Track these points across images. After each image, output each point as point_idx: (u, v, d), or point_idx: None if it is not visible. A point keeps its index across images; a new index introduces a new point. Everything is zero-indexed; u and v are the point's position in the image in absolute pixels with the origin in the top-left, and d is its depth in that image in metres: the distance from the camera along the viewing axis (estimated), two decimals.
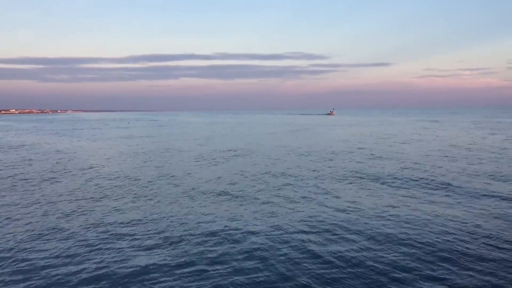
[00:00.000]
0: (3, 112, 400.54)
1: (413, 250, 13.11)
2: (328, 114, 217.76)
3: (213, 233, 14.98)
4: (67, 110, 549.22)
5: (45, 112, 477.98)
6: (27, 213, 18.15)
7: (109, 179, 26.40)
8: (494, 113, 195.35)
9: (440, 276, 11.29)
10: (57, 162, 35.22)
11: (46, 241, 14.50)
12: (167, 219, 16.90)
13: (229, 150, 43.51)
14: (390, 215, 17.13)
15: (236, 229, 15.48)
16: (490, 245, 13.49)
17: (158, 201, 20.28)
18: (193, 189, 22.87)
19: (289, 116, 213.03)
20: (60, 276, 11.69)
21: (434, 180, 24.52)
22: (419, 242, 13.79)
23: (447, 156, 35.57)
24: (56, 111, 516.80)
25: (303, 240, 14.19)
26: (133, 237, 14.90)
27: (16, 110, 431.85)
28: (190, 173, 28.56)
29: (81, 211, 18.44)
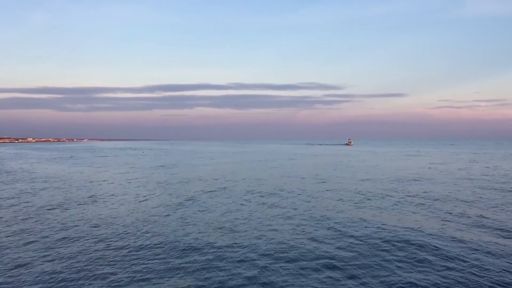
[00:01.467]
0: (20, 140, 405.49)
1: None
2: (346, 144, 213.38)
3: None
4: (83, 139, 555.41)
5: (62, 141, 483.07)
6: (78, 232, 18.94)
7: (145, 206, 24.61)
8: None
9: None
10: (89, 189, 35.33)
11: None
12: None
13: (285, 177, 39.40)
14: None
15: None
16: None
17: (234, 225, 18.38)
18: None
19: (309, 146, 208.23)
20: None
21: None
22: None
23: None
24: (73, 139, 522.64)
25: None
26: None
27: (33, 138, 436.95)
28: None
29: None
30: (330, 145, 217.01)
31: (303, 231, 19.34)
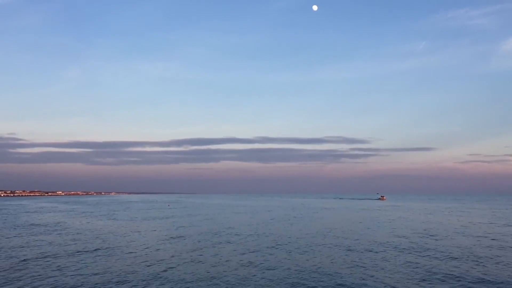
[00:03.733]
0: (50, 193, 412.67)
1: None
2: (379, 199, 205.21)
3: None
4: (111, 192, 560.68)
5: (90, 194, 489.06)
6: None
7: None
8: None
9: None
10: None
11: None
12: None
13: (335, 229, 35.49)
14: None
15: None
16: None
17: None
18: None
19: (339, 201, 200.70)
20: None
21: None
22: None
23: None
24: (101, 193, 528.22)
25: None
26: None
27: (62, 192, 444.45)
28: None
29: None
30: (361, 200, 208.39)
31: None
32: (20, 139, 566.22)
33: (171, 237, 41.27)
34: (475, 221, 62.94)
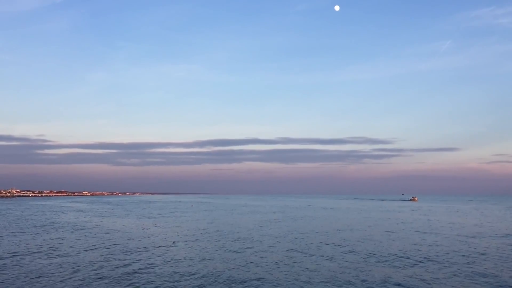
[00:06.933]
0: (76, 193, 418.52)
1: None
2: (411, 200, 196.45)
3: None
4: (135, 193, 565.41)
5: (115, 194, 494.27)
6: None
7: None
8: None
9: None
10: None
11: None
12: None
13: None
14: None
15: None
16: None
17: None
18: None
19: (367, 202, 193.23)
20: None
21: None
22: None
23: None
24: (125, 193, 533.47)
25: None
26: None
27: (88, 192, 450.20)
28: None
29: None
30: (393, 201, 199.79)
31: None
32: (48, 141, 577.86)
33: (200, 233, 37.14)
34: None
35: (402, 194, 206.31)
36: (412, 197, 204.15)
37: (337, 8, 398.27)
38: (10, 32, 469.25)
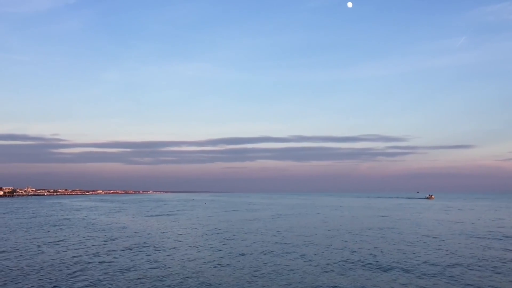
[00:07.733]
0: (91, 192, 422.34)
1: None
2: (427, 198, 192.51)
3: None
4: (149, 191, 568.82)
5: (129, 193, 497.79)
6: None
7: None
8: None
9: None
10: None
11: None
12: None
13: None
14: None
15: None
16: None
17: None
18: None
19: (383, 200, 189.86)
20: None
21: None
22: None
23: None
24: (139, 191, 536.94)
25: None
26: None
27: (102, 191, 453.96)
28: None
29: None
30: (409, 199, 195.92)
31: None
32: (63, 140, 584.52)
33: (214, 232, 35.67)
34: None
35: (417, 192, 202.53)
36: (429, 195, 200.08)
37: (350, 5, 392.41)
38: (24, 33, 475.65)
